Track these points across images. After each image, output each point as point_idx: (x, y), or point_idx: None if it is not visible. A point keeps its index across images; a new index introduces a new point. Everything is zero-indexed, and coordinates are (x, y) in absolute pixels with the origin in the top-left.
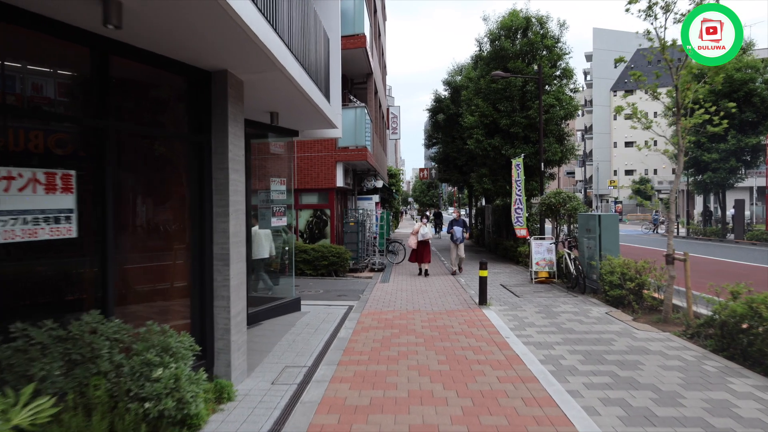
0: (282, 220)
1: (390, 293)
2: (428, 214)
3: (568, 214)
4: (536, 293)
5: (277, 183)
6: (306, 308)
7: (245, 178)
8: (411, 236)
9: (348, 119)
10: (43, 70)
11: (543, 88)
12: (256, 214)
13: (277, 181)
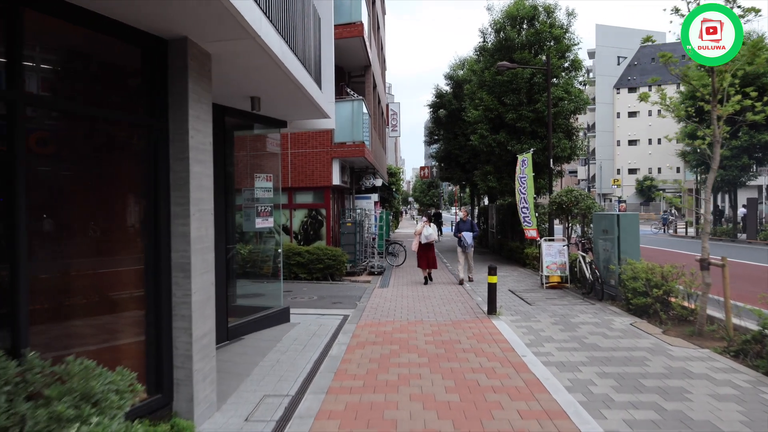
0: (268, 221)
1: (389, 300)
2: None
3: (582, 213)
4: (549, 300)
5: (262, 179)
6: (296, 318)
7: (219, 172)
8: (415, 238)
9: (344, 113)
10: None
11: (551, 79)
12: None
13: (262, 177)
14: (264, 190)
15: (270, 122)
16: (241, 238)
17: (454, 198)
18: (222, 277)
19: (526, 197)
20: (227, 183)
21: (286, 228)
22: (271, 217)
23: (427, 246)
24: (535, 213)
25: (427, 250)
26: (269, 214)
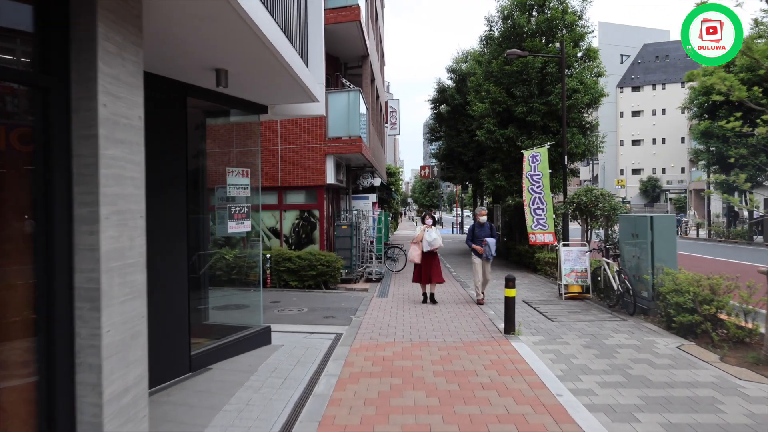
0: (244, 225)
1: (389, 313)
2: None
3: (605, 215)
4: (572, 314)
5: (235, 175)
6: (280, 338)
7: (180, 164)
8: (412, 246)
9: (339, 105)
10: None
11: (565, 69)
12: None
13: (236, 173)
14: (239, 187)
15: (246, 106)
16: (226, 243)
17: (454, 199)
18: (183, 293)
19: (542, 197)
20: (197, 178)
21: (276, 231)
22: (247, 220)
23: (429, 255)
24: (552, 215)
25: (429, 260)
26: (245, 216)
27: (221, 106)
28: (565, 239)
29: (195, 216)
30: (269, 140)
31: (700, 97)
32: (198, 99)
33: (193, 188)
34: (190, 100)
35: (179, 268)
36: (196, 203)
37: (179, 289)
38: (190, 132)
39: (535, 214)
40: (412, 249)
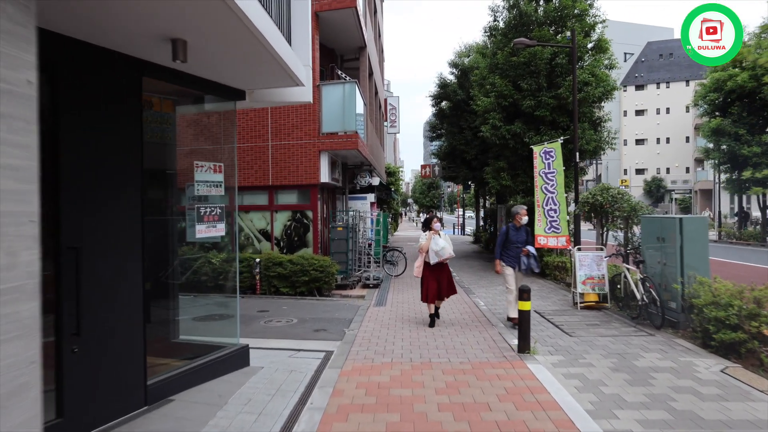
0: (216, 228)
1: (387, 325)
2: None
3: (624, 216)
4: (591, 327)
5: (206, 170)
6: (261, 358)
7: (133, 154)
8: (418, 257)
9: (334, 98)
10: None
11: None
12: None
13: (206, 168)
14: (209, 185)
15: (220, 91)
16: (202, 248)
17: (455, 199)
18: (136, 310)
19: (555, 197)
20: (163, 175)
21: (266, 233)
22: (220, 223)
23: (437, 267)
24: (567, 216)
25: (437, 273)
26: (218, 219)
27: (188, 90)
28: (577, 242)
29: (159, 218)
30: (259, 136)
31: (711, 94)
32: (158, 80)
33: (157, 187)
34: (149, 82)
35: (131, 280)
36: (161, 204)
37: (132, 305)
38: (153, 121)
39: (547, 216)
40: (417, 261)
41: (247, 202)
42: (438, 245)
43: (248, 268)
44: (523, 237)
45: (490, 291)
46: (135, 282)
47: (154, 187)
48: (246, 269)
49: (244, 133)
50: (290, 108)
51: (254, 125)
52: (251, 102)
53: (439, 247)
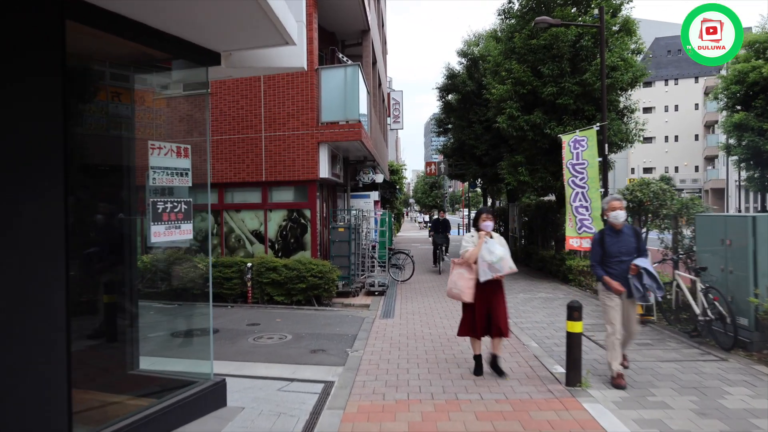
0: (180, 230)
1: (397, 343)
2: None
3: (674, 216)
4: (644, 348)
5: (165, 153)
6: (243, 393)
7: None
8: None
9: (335, 83)
10: None
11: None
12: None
13: (166, 150)
14: (171, 172)
15: (186, 51)
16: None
17: (457, 199)
18: (54, 339)
19: (585, 192)
20: (115, 160)
21: (259, 235)
22: (186, 223)
23: (489, 285)
24: (600, 215)
25: (488, 294)
26: (183, 217)
27: (141, 48)
28: None
29: (108, 219)
30: (250, 126)
31: (733, 86)
32: (91, 26)
33: (104, 181)
34: (82, 35)
35: (44, 300)
36: (113, 201)
37: (45, 332)
38: (93, 91)
39: (576, 213)
40: (456, 275)
41: (238, 200)
42: (493, 254)
43: (239, 274)
44: (631, 244)
45: (511, 299)
46: (52, 303)
47: (100, 181)
48: (236, 275)
49: (234, 124)
50: (285, 95)
51: (245, 114)
52: (228, 68)
53: (494, 257)
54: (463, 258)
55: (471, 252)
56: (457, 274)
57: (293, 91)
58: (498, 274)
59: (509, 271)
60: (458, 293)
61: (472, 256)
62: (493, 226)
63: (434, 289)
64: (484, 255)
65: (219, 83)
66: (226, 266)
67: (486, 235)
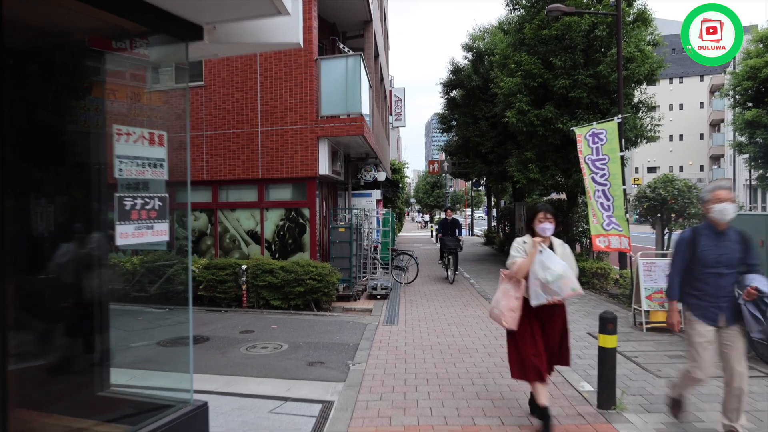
0: (152, 231)
1: (403, 354)
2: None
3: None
4: (678, 361)
5: (135, 140)
6: (230, 413)
7: None
8: (502, 286)
9: (335, 74)
10: None
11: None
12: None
13: (136, 137)
14: (142, 163)
15: (162, 23)
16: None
17: (458, 198)
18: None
19: (607, 189)
20: (81, 149)
21: (255, 235)
22: (161, 223)
23: (546, 310)
24: (624, 214)
25: (544, 319)
26: (156, 216)
27: (109, 18)
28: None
29: (67, 212)
30: (246, 120)
31: (745, 82)
32: None
33: (65, 165)
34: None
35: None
36: (74, 198)
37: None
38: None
39: (602, 209)
40: (501, 292)
41: (233, 199)
42: (549, 270)
43: (233, 277)
44: (735, 252)
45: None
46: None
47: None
48: (231, 278)
49: (228, 117)
50: (283, 87)
51: (241, 107)
52: (212, 44)
53: (550, 275)
54: (510, 270)
55: (520, 264)
56: (502, 291)
57: (291, 83)
58: (555, 297)
59: (571, 294)
60: (499, 315)
61: (521, 269)
62: (554, 230)
63: (440, 293)
64: (537, 271)
65: (213, 75)
66: (219, 268)
67: (542, 242)
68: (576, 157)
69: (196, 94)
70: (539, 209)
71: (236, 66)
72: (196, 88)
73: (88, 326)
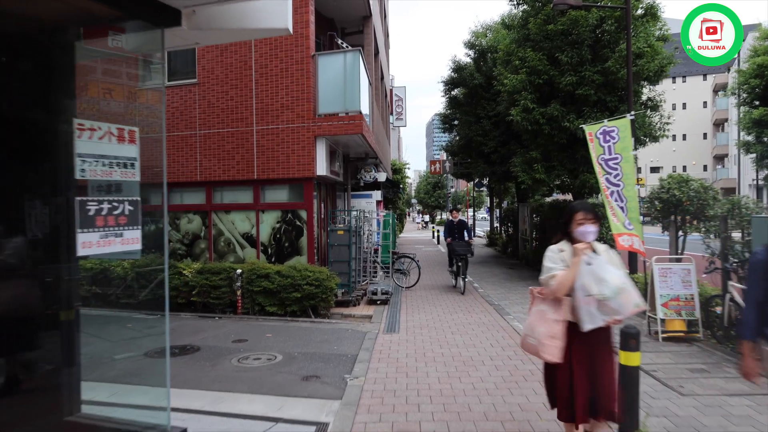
0: (122, 239)
1: (404, 369)
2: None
3: (724, 217)
4: (699, 375)
5: (101, 137)
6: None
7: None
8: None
9: (333, 70)
10: None
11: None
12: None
13: (102, 132)
14: (109, 163)
15: (132, 5)
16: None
17: (461, 199)
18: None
19: (620, 191)
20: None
21: (250, 238)
22: (131, 230)
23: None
24: (639, 216)
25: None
26: (128, 222)
27: (74, 0)
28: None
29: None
30: (241, 119)
31: (753, 80)
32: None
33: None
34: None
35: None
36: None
37: None
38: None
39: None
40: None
41: (228, 200)
42: (605, 283)
43: (227, 282)
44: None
45: (513, 307)
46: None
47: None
48: (225, 283)
49: (223, 116)
50: (279, 84)
51: (235, 105)
52: (192, 30)
53: (607, 289)
54: (547, 287)
55: (561, 279)
56: (537, 314)
57: (288, 80)
58: (616, 317)
59: (634, 311)
60: (535, 345)
61: (564, 284)
62: (595, 233)
63: (442, 297)
64: (589, 285)
65: (207, 72)
66: (213, 273)
67: (586, 248)
68: (583, 156)
69: (189, 91)
70: (577, 208)
71: (230, 62)
72: (189, 85)
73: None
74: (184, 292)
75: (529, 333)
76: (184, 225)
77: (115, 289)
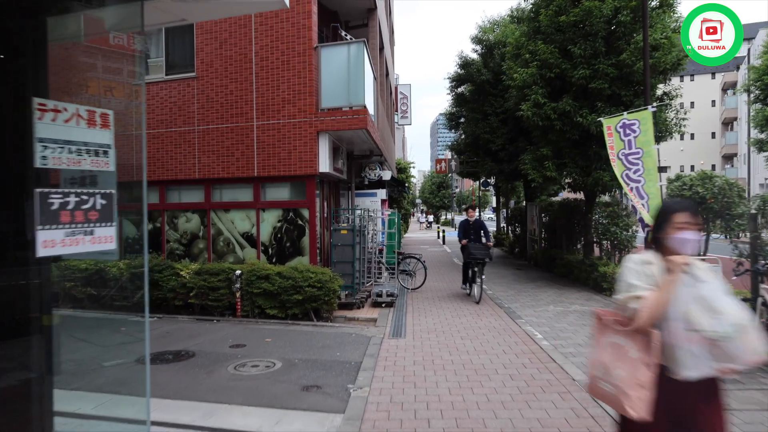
0: (93, 237)
1: (412, 378)
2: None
3: (754, 216)
4: (735, 386)
5: (69, 119)
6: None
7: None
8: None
9: (336, 62)
10: None
11: (639, 21)
12: None
13: (69, 114)
14: (77, 150)
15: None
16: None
17: (468, 198)
18: None
19: (641, 187)
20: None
21: (251, 237)
22: (104, 227)
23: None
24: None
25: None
26: (99, 219)
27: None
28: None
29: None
30: (241, 114)
31: (766, 77)
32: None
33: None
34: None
35: None
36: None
37: None
38: None
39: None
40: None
41: (227, 198)
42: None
43: (226, 283)
44: None
45: (541, 313)
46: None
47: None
48: (224, 284)
49: (222, 111)
50: (280, 77)
51: (235, 100)
52: (176, 2)
53: (721, 325)
54: (625, 312)
55: (653, 304)
56: (611, 350)
57: (289, 73)
58: (732, 366)
59: (755, 359)
60: (614, 395)
61: (656, 311)
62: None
63: (449, 299)
64: (694, 315)
65: (205, 65)
66: (212, 274)
67: (684, 264)
68: (596, 153)
69: (188, 86)
70: (676, 208)
71: (230, 55)
72: (187, 79)
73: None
74: (182, 293)
75: (602, 376)
76: (182, 224)
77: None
